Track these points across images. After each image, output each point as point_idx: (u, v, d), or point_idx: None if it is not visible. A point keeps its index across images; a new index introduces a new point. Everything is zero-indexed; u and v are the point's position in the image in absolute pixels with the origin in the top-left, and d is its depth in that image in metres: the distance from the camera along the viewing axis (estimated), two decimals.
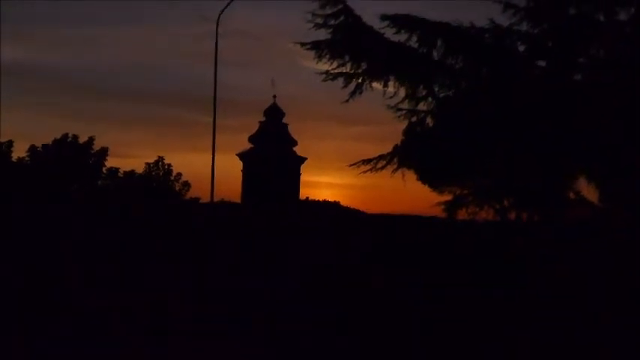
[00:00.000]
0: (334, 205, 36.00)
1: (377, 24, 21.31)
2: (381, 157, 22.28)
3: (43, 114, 57.62)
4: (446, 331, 13.00)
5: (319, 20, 21.12)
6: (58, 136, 30.50)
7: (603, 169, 20.23)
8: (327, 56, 21.40)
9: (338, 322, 13.83)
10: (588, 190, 21.05)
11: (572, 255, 18.64)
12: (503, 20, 20.77)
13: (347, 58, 21.42)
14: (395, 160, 22.15)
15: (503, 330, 12.99)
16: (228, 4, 31.97)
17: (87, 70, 62.58)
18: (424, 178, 21.89)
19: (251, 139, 32.73)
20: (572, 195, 21.31)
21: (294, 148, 33.01)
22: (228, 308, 15.46)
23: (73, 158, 30.12)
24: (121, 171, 31.47)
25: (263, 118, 33.06)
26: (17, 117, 57.73)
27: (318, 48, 21.36)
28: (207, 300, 16.49)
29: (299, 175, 33.06)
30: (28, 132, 57.53)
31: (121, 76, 63.38)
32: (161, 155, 31.68)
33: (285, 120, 33.13)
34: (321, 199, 37.04)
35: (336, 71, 21.48)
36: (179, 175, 32.00)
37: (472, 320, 13.88)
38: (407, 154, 21.98)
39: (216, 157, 29.15)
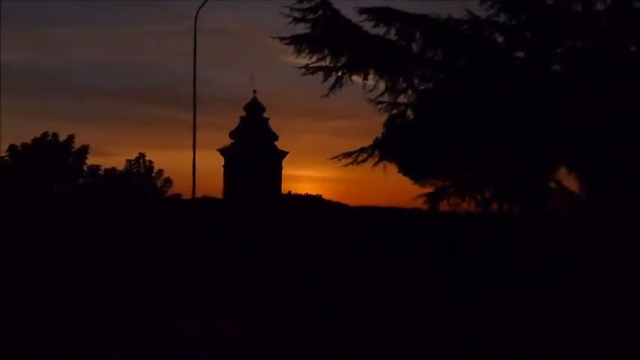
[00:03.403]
0: (316, 199, 36.01)
1: (355, 17, 21.38)
2: (362, 150, 22.31)
3: (22, 113, 57.26)
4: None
5: (297, 14, 21.14)
6: (38, 135, 30.37)
7: (584, 158, 20.34)
8: (306, 50, 21.42)
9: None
10: (569, 180, 21.21)
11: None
12: (481, 12, 20.88)
13: (326, 51, 21.43)
14: (376, 153, 22.19)
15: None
16: (207, 1, 31.89)
17: (65, 69, 62.07)
18: (405, 170, 21.93)
19: (232, 134, 32.56)
20: (553, 185, 21.43)
21: (275, 143, 32.89)
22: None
23: (53, 157, 29.95)
24: (102, 169, 31.31)
25: (243, 114, 32.94)
26: None
27: (297, 42, 21.36)
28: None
29: (280, 169, 32.90)
30: (7, 131, 57.02)
31: (99, 74, 62.90)
32: (142, 152, 31.56)
33: (265, 115, 32.99)
34: (303, 193, 37.05)
35: (315, 65, 21.53)
36: (160, 171, 31.86)
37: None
38: (388, 147, 22.02)
39: (197, 154, 29.02)
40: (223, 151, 32.42)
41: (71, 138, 30.42)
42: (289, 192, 35.95)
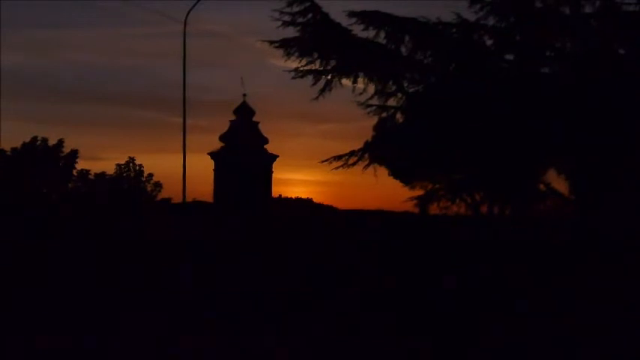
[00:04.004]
0: (307, 202, 36.14)
1: (345, 21, 21.41)
2: (352, 154, 22.32)
3: (11, 118, 57.24)
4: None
5: (287, 18, 21.15)
6: (28, 140, 30.33)
7: (573, 161, 20.40)
8: (296, 54, 21.45)
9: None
10: (558, 182, 21.26)
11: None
12: (470, 15, 20.94)
13: (315, 55, 21.47)
14: (366, 156, 22.21)
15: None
16: (196, 4, 31.94)
17: (54, 73, 62.09)
18: (396, 173, 21.96)
19: (222, 138, 32.63)
20: (542, 187, 21.47)
21: (266, 146, 32.97)
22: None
23: (43, 161, 29.94)
24: (92, 173, 31.29)
25: (233, 117, 33.00)
26: None
27: (287, 46, 21.38)
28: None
29: (271, 172, 33.00)
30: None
31: (88, 78, 62.99)
32: (132, 156, 31.57)
33: (255, 118, 33.06)
34: (293, 197, 37.16)
35: (305, 68, 21.54)
36: (150, 175, 31.87)
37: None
38: (378, 150, 22.05)
39: (187, 158, 29.23)
40: (213, 155, 32.47)
41: (61, 142, 30.44)
42: (279, 195, 36.06)
